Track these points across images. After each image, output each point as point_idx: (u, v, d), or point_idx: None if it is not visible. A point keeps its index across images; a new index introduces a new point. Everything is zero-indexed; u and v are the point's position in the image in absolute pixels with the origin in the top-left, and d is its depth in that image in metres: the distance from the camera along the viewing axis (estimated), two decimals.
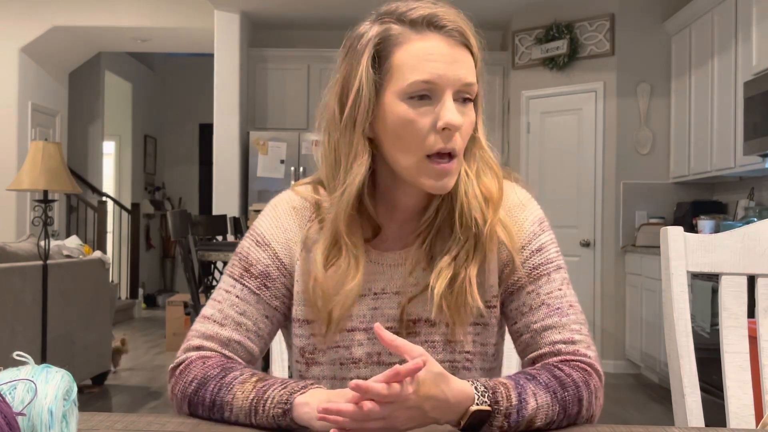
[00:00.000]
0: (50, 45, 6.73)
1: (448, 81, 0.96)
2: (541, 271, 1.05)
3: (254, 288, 1.06)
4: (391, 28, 0.99)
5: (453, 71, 0.96)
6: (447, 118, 0.95)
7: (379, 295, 1.05)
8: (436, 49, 0.97)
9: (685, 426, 1.16)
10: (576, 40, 5.69)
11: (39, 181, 3.58)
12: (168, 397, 1.02)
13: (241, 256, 1.08)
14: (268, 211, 1.11)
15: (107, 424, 0.90)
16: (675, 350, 1.19)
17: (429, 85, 0.96)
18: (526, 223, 1.07)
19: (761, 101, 3.91)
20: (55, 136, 7.21)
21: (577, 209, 5.65)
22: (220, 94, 6.08)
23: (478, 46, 1.01)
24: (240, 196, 6.09)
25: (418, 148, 0.97)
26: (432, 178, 0.97)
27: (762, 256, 1.21)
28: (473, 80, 0.98)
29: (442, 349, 1.04)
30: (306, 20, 6.45)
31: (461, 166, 1.01)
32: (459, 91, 0.97)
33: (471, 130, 1.00)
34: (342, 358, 1.05)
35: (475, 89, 0.99)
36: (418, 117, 0.96)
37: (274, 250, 1.07)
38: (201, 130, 9.50)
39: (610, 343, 5.51)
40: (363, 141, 0.99)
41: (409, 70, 0.96)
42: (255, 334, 1.06)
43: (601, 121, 5.60)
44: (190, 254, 3.34)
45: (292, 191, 1.11)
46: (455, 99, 0.97)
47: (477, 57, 1.00)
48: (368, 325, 1.04)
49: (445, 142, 0.96)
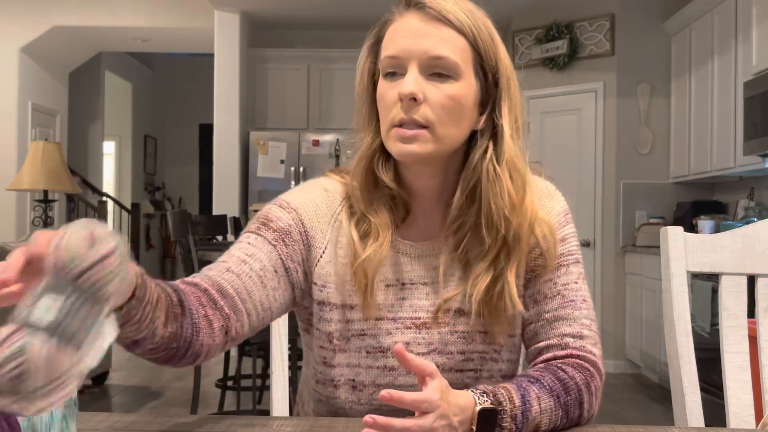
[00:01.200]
0: (50, 45, 6.73)
1: (411, 54, 0.96)
2: (561, 262, 1.04)
3: (270, 239, 1.02)
4: (386, 15, 1.03)
5: (418, 44, 0.96)
6: (399, 88, 0.96)
7: (407, 285, 1.04)
8: (407, 25, 0.98)
9: (685, 426, 1.16)
10: (576, 40, 5.69)
11: (39, 181, 3.58)
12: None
13: (261, 215, 1.05)
14: (300, 186, 1.10)
15: (107, 424, 0.90)
16: (675, 350, 1.19)
17: (395, 60, 0.97)
18: (552, 212, 1.06)
19: (761, 101, 3.91)
20: (55, 136, 7.21)
21: (577, 209, 5.64)
22: (220, 94, 6.08)
23: (470, 23, 0.99)
24: (240, 196, 6.09)
25: (386, 120, 0.99)
26: (397, 140, 0.97)
27: (762, 256, 1.21)
28: (443, 53, 0.96)
29: (472, 339, 1.02)
30: (306, 20, 6.45)
31: (445, 142, 0.98)
32: (428, 65, 0.96)
33: (451, 106, 0.96)
34: (369, 347, 1.03)
35: (450, 62, 0.96)
36: (387, 91, 0.98)
37: (299, 215, 1.04)
38: (201, 130, 9.50)
39: (610, 343, 5.51)
40: (369, 116, 1.03)
41: (385, 48, 1.00)
42: (258, 281, 0.99)
43: (601, 121, 5.60)
44: (190, 254, 3.34)
45: (325, 176, 1.12)
46: (429, 74, 0.96)
47: (468, 31, 0.98)
48: (396, 315, 1.03)
49: (405, 113, 0.96)
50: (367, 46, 1.05)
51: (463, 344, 1.02)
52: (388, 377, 1.02)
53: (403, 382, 1.02)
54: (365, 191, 1.03)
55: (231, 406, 4.13)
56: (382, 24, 1.04)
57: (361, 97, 1.05)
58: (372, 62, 1.04)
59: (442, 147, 0.98)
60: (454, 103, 0.97)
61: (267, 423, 0.94)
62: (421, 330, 1.02)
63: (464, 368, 1.03)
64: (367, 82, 1.04)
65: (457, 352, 1.02)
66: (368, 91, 1.04)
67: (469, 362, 1.03)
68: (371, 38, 1.05)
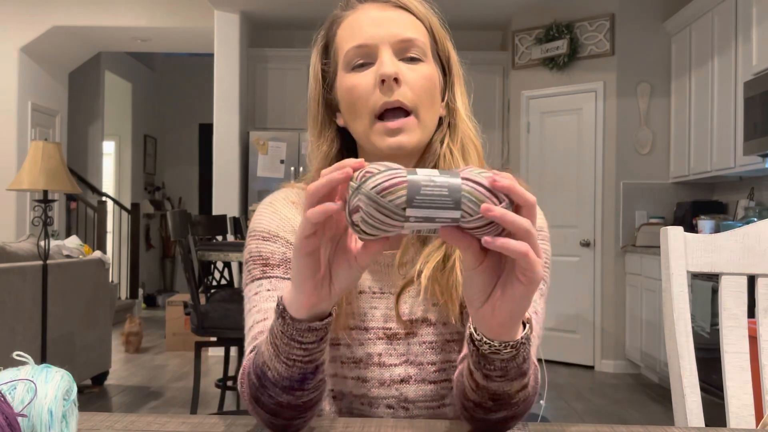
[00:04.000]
0: (50, 45, 6.73)
1: (380, 39, 0.95)
2: None
3: (282, 275, 0.98)
4: (333, 15, 1.02)
5: (385, 29, 0.96)
6: (380, 68, 0.94)
7: (377, 294, 1.01)
8: (366, 15, 0.98)
9: (686, 426, 1.16)
10: (576, 40, 5.69)
11: (39, 181, 3.58)
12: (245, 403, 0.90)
13: (254, 257, 1.00)
14: (266, 208, 1.04)
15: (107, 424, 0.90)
16: (675, 350, 1.19)
17: (363, 48, 0.96)
18: None
19: (761, 101, 3.91)
20: (55, 136, 7.21)
21: (577, 209, 5.65)
22: (219, 94, 6.08)
23: (424, 10, 1.00)
24: (240, 196, 6.09)
25: (364, 108, 0.95)
26: (384, 134, 0.95)
27: (762, 256, 1.20)
28: (412, 35, 0.96)
29: (441, 349, 1.00)
30: (306, 20, 6.45)
31: (427, 128, 0.97)
32: (400, 49, 0.96)
33: (428, 87, 0.96)
34: (343, 357, 1.01)
35: (419, 45, 0.97)
36: (359, 80, 0.96)
37: (285, 239, 1.00)
38: (201, 130, 9.50)
39: (610, 343, 5.51)
40: (324, 122, 1.02)
41: (345, 42, 0.98)
42: None
43: (601, 121, 5.60)
44: (189, 254, 3.34)
45: (285, 188, 1.09)
46: (400, 58, 0.96)
47: (424, 18, 1.00)
48: (368, 324, 1.01)
49: (387, 96, 0.93)
50: (317, 49, 1.04)
51: (433, 354, 0.99)
52: (362, 389, 1.00)
53: (377, 395, 0.99)
54: None
55: (231, 406, 4.13)
56: (330, 23, 1.03)
57: (316, 102, 1.03)
58: (324, 64, 1.03)
59: (425, 135, 0.98)
60: (430, 84, 0.97)
61: None
62: (392, 341, 1.00)
63: (438, 379, 1.00)
64: (321, 86, 1.03)
65: (428, 362, 0.99)
66: (322, 96, 1.03)
67: (442, 372, 1.00)
68: (320, 41, 1.04)
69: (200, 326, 3.25)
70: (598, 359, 5.56)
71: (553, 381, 5.08)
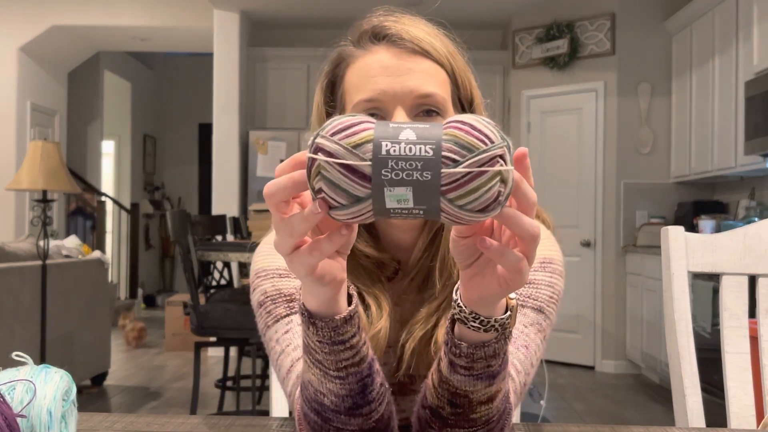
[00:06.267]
0: (49, 44, 6.73)
1: (395, 96, 0.86)
2: (521, 301, 0.91)
3: None
4: (343, 51, 0.93)
5: (400, 83, 0.86)
6: None
7: (384, 349, 0.93)
8: (379, 62, 0.88)
9: (686, 426, 1.15)
10: (576, 39, 5.69)
11: (38, 181, 3.57)
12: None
13: (273, 297, 0.91)
14: (270, 247, 0.94)
15: (106, 424, 0.90)
16: (676, 350, 1.19)
17: (374, 103, 0.87)
18: None
19: (762, 101, 3.91)
20: (54, 136, 7.21)
21: (577, 209, 5.65)
22: (219, 93, 6.08)
23: (446, 52, 0.90)
24: (240, 196, 6.09)
25: None
26: None
27: (763, 256, 1.20)
28: (432, 90, 0.87)
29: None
30: (306, 20, 6.45)
31: None
32: (416, 105, 0.87)
33: None
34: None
35: (440, 99, 0.88)
36: None
37: None
38: (200, 129, 9.50)
39: (610, 343, 5.51)
40: None
41: (355, 91, 0.89)
42: None
43: (601, 120, 5.60)
44: (189, 254, 3.33)
45: None
46: (416, 114, 0.87)
47: (446, 62, 0.90)
48: None
49: None
50: (322, 87, 0.95)
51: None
52: None
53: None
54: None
55: (230, 407, 4.13)
56: (338, 61, 0.93)
57: None
58: (330, 106, 0.94)
59: None
60: None
61: (266, 423, 0.94)
62: (395, 397, 0.94)
63: None
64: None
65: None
66: None
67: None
68: (325, 77, 0.95)
69: (200, 326, 3.25)
70: (599, 359, 5.56)
71: (554, 381, 5.07)
